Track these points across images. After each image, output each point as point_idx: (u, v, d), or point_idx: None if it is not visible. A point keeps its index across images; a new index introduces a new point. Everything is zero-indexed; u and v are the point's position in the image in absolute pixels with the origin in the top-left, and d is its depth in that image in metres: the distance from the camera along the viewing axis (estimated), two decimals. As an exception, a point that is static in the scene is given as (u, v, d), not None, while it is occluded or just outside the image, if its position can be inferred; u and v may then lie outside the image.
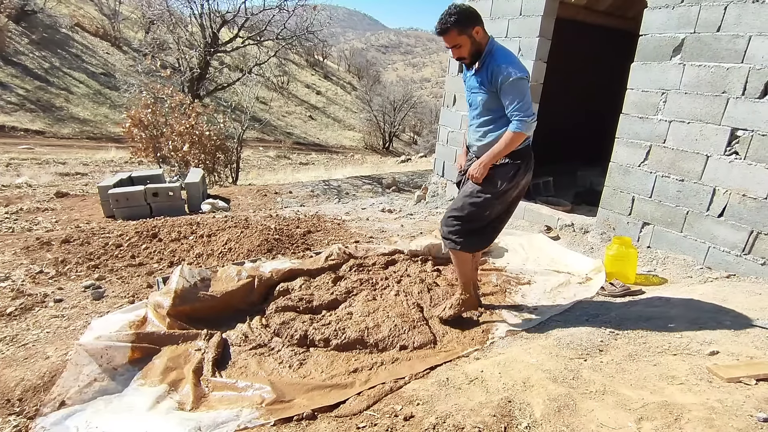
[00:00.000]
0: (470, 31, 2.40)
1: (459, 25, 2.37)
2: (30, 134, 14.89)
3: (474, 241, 2.65)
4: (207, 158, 9.47)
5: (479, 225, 2.62)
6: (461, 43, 2.42)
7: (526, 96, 2.38)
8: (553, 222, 4.94)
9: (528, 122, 2.36)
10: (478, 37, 2.43)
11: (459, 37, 2.40)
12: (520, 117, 2.36)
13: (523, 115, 2.35)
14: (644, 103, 4.02)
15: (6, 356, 2.33)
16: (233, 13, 15.09)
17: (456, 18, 2.37)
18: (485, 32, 2.46)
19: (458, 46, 2.43)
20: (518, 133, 2.37)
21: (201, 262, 3.74)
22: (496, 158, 2.46)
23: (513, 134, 2.38)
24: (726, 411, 1.69)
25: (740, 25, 3.37)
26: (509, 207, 2.68)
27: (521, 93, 2.36)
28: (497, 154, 2.44)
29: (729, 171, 3.51)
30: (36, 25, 20.23)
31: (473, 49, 2.45)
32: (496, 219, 2.66)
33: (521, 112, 2.35)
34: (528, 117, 2.36)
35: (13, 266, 3.48)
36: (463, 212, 2.58)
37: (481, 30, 2.43)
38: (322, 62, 39.04)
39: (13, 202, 6.29)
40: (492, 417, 1.79)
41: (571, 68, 6.95)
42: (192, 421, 1.91)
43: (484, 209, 2.56)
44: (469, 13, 2.40)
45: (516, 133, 2.37)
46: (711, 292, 3.09)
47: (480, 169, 2.48)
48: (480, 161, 2.49)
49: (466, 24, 2.38)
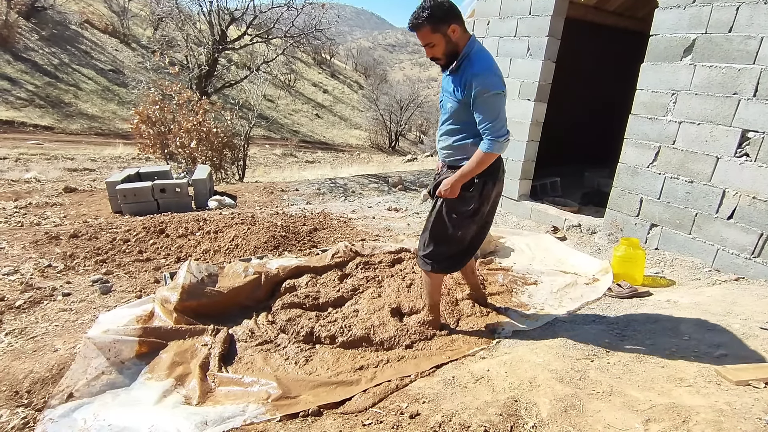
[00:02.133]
0: (445, 29, 2.15)
1: (432, 21, 2.12)
2: (39, 130, 15.01)
3: (445, 263, 2.53)
4: (214, 155, 9.49)
5: (457, 248, 2.50)
6: (434, 42, 2.18)
7: (500, 114, 2.17)
8: (560, 222, 4.91)
9: (500, 142, 2.16)
10: (455, 37, 2.18)
11: (432, 35, 2.16)
12: (491, 137, 2.16)
13: (496, 135, 2.15)
14: (654, 103, 3.99)
15: (15, 349, 2.36)
16: (242, 11, 15.11)
17: (429, 13, 2.11)
18: (464, 31, 2.21)
19: (431, 44, 2.19)
20: (489, 153, 2.19)
21: (208, 258, 3.75)
22: (465, 178, 2.28)
23: (483, 155, 2.20)
24: (734, 414, 1.68)
25: (752, 26, 3.34)
26: (485, 223, 2.55)
27: (495, 110, 2.16)
28: (467, 174, 2.26)
29: (739, 173, 3.48)
30: (46, 21, 20.38)
31: (448, 49, 2.21)
32: (474, 238, 2.54)
33: (493, 132, 2.15)
34: (500, 137, 2.16)
35: (22, 260, 3.52)
36: (439, 235, 2.45)
37: (459, 28, 2.17)
38: (330, 61, 39.07)
39: (23, 197, 6.34)
40: (498, 416, 1.78)
41: (579, 68, 6.91)
42: (198, 415, 1.92)
43: (457, 229, 2.42)
44: (446, 9, 2.13)
45: (487, 153, 2.19)
46: (719, 294, 3.07)
47: (450, 189, 2.31)
48: (449, 181, 2.32)
49: (441, 21, 2.13)
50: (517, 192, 5.41)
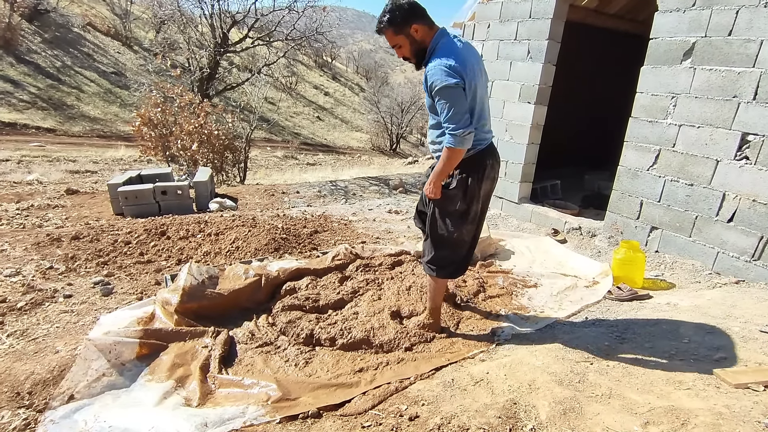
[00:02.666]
0: (407, 30, 2.21)
1: (392, 24, 2.20)
2: (41, 132, 15.04)
3: (453, 270, 2.54)
4: (215, 157, 9.51)
5: (458, 252, 2.49)
6: (400, 43, 2.25)
7: (454, 107, 2.09)
8: (561, 225, 4.92)
9: (459, 136, 2.09)
10: (419, 36, 2.22)
11: (396, 37, 2.24)
12: (449, 131, 2.12)
13: (453, 128, 2.10)
14: (654, 106, 4.00)
15: (16, 350, 2.37)
16: (243, 14, 15.17)
17: (389, 17, 2.19)
18: (429, 28, 2.23)
19: (398, 45, 2.27)
20: (451, 149, 2.13)
21: (209, 260, 3.76)
22: (441, 177, 2.27)
23: (447, 151, 2.16)
24: (733, 417, 1.68)
25: (752, 29, 3.35)
26: (479, 222, 2.51)
27: (449, 103, 2.10)
28: (440, 174, 2.25)
29: (739, 176, 3.48)
30: (49, 24, 20.45)
31: (414, 48, 2.26)
32: (472, 239, 2.52)
33: (450, 124, 2.11)
34: (458, 130, 2.09)
35: (23, 261, 3.53)
36: (438, 239, 2.45)
37: (422, 27, 2.21)
38: (331, 63, 39.12)
39: (25, 199, 6.36)
40: (497, 418, 1.79)
41: (580, 71, 6.93)
42: (198, 417, 1.93)
43: (453, 230, 2.40)
44: (406, 10, 2.19)
45: (449, 149, 2.14)
46: (719, 297, 3.07)
47: (431, 189, 2.31)
48: (429, 181, 2.32)
49: (402, 22, 2.19)
50: (518, 195, 5.42)
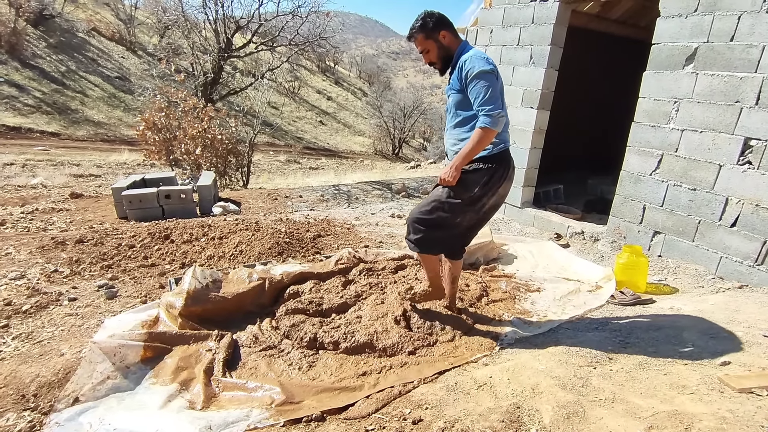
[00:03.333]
0: (436, 36, 2.43)
1: (424, 29, 2.43)
2: (46, 136, 15.13)
3: (435, 248, 2.61)
4: (219, 162, 9.56)
5: (447, 233, 2.54)
6: (428, 48, 2.47)
7: (491, 89, 2.24)
8: (563, 229, 4.92)
9: (494, 117, 2.21)
10: (446, 42, 2.45)
11: (426, 41, 2.45)
12: (485, 111, 2.22)
13: (489, 109, 2.21)
14: (656, 111, 4.01)
15: (21, 353, 2.38)
16: (247, 19, 15.26)
17: (421, 24, 2.43)
18: (455, 37, 2.47)
19: (426, 51, 2.48)
20: (486, 128, 2.22)
21: (212, 264, 3.78)
22: (467, 159, 2.31)
23: (480, 131, 2.24)
24: (737, 421, 1.68)
25: (754, 35, 3.36)
26: (484, 215, 2.56)
27: (485, 86, 2.25)
28: (468, 154, 2.30)
29: (742, 181, 3.49)
30: (54, 29, 20.61)
31: (441, 53, 2.47)
32: (467, 228, 2.58)
33: (486, 106, 2.22)
34: (494, 111, 2.21)
35: (28, 265, 3.55)
36: (431, 216, 2.48)
37: (449, 35, 2.45)
38: (334, 68, 39.28)
39: (29, 202, 6.39)
40: (500, 422, 1.79)
41: (582, 77, 6.95)
42: (202, 420, 1.93)
43: (454, 216, 2.45)
44: (436, 19, 2.44)
45: (483, 129, 2.23)
46: (723, 302, 3.06)
47: (451, 172, 2.34)
48: (452, 163, 2.35)
49: (433, 29, 2.43)
50: (520, 199, 5.42)
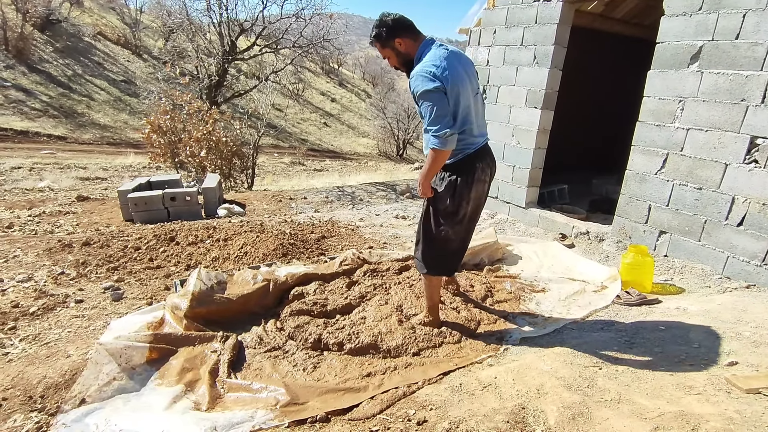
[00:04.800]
0: (392, 44, 2.40)
1: (379, 39, 2.41)
2: (52, 139, 15.25)
3: (440, 269, 2.63)
4: (223, 164, 9.59)
5: (443, 249, 2.58)
6: (387, 55, 2.46)
7: (435, 109, 2.19)
8: (568, 230, 4.90)
9: (441, 138, 2.19)
10: (403, 48, 2.40)
11: (383, 49, 2.44)
12: (432, 133, 2.21)
13: (435, 130, 2.19)
14: (661, 110, 3.99)
15: (29, 354, 2.40)
16: (251, 22, 15.34)
17: (376, 33, 2.41)
18: (413, 41, 2.40)
19: (386, 57, 2.47)
20: (434, 150, 2.23)
21: (217, 266, 3.79)
22: (427, 178, 2.37)
23: (432, 152, 2.26)
24: (744, 422, 1.66)
25: (759, 33, 3.34)
26: (468, 225, 2.59)
27: (429, 106, 2.21)
28: (426, 174, 2.36)
29: (749, 179, 3.46)
30: (60, 33, 20.78)
31: (401, 59, 2.44)
32: (461, 240, 2.62)
33: (432, 127, 2.21)
34: (440, 131, 2.18)
35: (35, 267, 3.58)
36: (425, 234, 2.56)
37: (405, 40, 2.38)
38: (337, 70, 39.31)
39: (36, 206, 6.45)
40: (505, 423, 1.78)
41: (586, 76, 6.93)
42: (208, 421, 1.94)
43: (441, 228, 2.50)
44: (391, 26, 2.37)
45: (432, 150, 2.24)
46: (730, 302, 3.04)
47: (420, 189, 2.44)
48: (418, 181, 2.45)
49: (387, 38, 2.39)
50: (525, 199, 5.41)
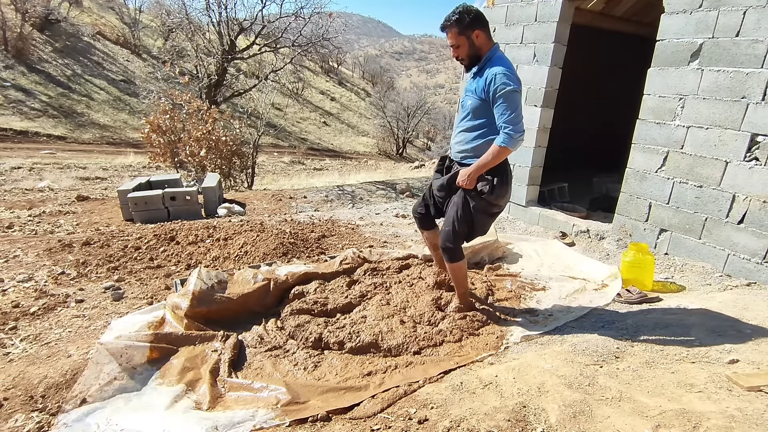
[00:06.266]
0: (470, 33, 2.43)
1: (459, 24, 2.42)
2: (52, 139, 15.26)
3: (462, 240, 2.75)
4: (223, 163, 9.60)
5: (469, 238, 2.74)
6: (460, 44, 2.47)
7: (518, 110, 2.35)
8: (569, 228, 4.90)
9: (515, 138, 2.33)
10: (478, 41, 2.45)
11: (459, 36, 2.45)
12: (508, 131, 2.33)
13: (512, 129, 2.32)
14: (661, 108, 3.98)
15: (30, 354, 2.40)
16: (250, 21, 15.33)
17: (458, 18, 2.41)
18: (488, 38, 2.48)
19: (457, 45, 2.48)
20: (504, 147, 2.36)
21: (218, 265, 3.79)
22: (481, 170, 2.46)
23: (499, 148, 2.37)
24: (746, 420, 1.66)
25: (759, 30, 3.33)
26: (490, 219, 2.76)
27: (513, 106, 2.34)
28: (483, 166, 2.44)
29: (749, 177, 3.46)
30: (59, 33, 20.77)
31: (471, 51, 2.48)
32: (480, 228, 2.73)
33: (511, 126, 2.33)
34: (517, 133, 2.33)
35: (36, 267, 3.58)
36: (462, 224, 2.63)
37: (483, 35, 2.45)
38: (337, 69, 39.29)
39: (36, 206, 6.45)
40: (506, 421, 1.78)
41: (586, 74, 6.92)
42: (209, 420, 1.94)
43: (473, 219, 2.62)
44: (473, 16, 2.42)
45: (502, 147, 2.36)
46: (731, 300, 3.04)
47: (467, 180, 2.50)
48: (467, 172, 2.50)
49: (468, 25, 2.42)
50: (525, 198, 5.41)
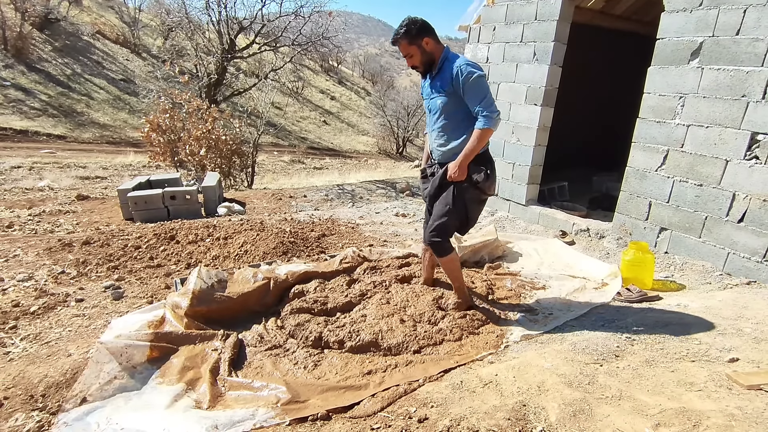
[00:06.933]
0: (419, 42, 2.56)
1: (408, 36, 2.56)
2: (52, 139, 15.24)
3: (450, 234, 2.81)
4: (223, 162, 9.59)
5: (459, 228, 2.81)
6: (412, 53, 2.59)
7: (488, 93, 2.50)
8: (569, 227, 4.90)
9: (494, 118, 2.47)
10: (429, 48, 2.59)
11: (409, 47, 2.58)
12: (486, 113, 2.46)
13: (489, 111, 2.46)
14: (661, 107, 3.98)
15: (30, 353, 2.40)
16: (250, 20, 15.30)
17: (405, 30, 2.56)
18: (437, 43, 2.61)
19: (410, 55, 2.61)
20: (486, 129, 2.48)
21: (218, 264, 3.79)
22: (469, 157, 2.55)
23: (481, 131, 2.49)
24: (746, 418, 1.66)
25: (760, 28, 3.33)
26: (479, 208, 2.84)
27: (484, 90, 2.49)
28: (470, 153, 2.54)
29: (749, 176, 3.46)
30: (59, 32, 20.72)
31: (424, 58, 2.61)
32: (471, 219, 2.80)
33: (486, 109, 2.46)
34: (494, 113, 2.47)
35: (36, 266, 3.58)
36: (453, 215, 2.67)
37: (432, 41, 2.58)
38: (337, 68, 39.22)
39: (36, 205, 6.44)
40: (506, 420, 1.78)
41: (586, 73, 6.91)
42: (209, 419, 1.94)
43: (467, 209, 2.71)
44: (419, 26, 2.56)
45: (484, 129, 2.48)
46: (731, 298, 3.04)
47: (458, 171, 2.58)
48: (455, 163, 2.58)
49: (416, 35, 2.55)
50: (525, 197, 5.40)
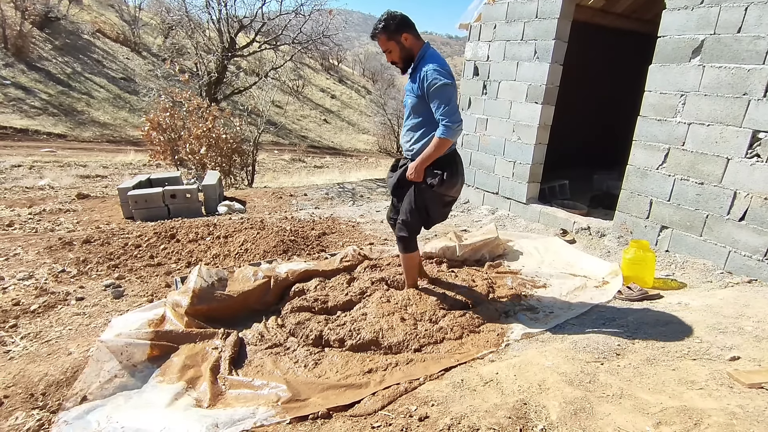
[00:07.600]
0: (398, 38, 2.54)
1: (387, 31, 2.54)
2: (52, 137, 15.23)
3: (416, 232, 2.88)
4: (223, 161, 9.59)
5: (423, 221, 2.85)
6: (390, 48, 2.58)
7: (452, 102, 2.46)
8: (569, 225, 4.89)
9: (453, 128, 2.44)
10: (408, 43, 2.56)
11: (388, 42, 2.56)
12: (446, 122, 2.44)
13: (449, 121, 2.43)
14: (662, 105, 3.97)
15: (30, 352, 2.40)
16: (250, 18, 15.27)
17: (384, 25, 2.54)
18: (417, 39, 2.58)
19: (388, 51, 2.59)
20: (443, 139, 2.46)
21: (218, 263, 3.79)
22: (426, 162, 2.56)
23: (438, 140, 2.47)
24: (747, 417, 1.66)
25: (761, 26, 3.32)
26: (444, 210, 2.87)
27: (447, 99, 2.44)
28: (427, 158, 2.55)
29: (750, 174, 3.45)
30: (59, 31, 20.71)
31: (403, 54, 2.59)
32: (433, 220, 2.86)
33: (447, 118, 2.43)
34: (453, 123, 2.43)
35: (36, 265, 3.58)
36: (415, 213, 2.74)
37: (411, 37, 2.56)
38: (337, 66, 39.17)
39: (37, 204, 6.44)
40: (507, 419, 1.78)
41: (587, 71, 6.90)
42: (209, 417, 1.94)
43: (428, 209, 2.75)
44: (399, 21, 2.54)
45: (441, 139, 2.46)
46: (732, 297, 3.04)
47: (414, 173, 2.60)
48: (413, 165, 2.60)
49: (395, 30, 2.54)
50: (526, 195, 5.40)
